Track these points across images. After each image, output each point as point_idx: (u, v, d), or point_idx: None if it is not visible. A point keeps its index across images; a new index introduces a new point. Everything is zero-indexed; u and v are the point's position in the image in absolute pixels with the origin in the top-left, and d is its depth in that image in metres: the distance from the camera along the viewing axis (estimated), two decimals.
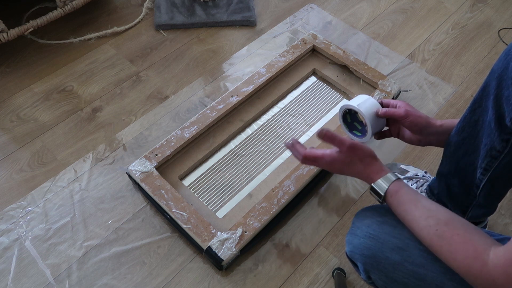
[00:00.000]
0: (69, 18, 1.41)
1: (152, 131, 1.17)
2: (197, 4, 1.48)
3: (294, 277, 0.94)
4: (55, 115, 1.20)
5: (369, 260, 0.66)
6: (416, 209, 0.61)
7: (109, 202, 1.03)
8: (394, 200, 0.64)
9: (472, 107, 0.72)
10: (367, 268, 0.67)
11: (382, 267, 0.65)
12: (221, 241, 0.91)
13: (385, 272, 0.65)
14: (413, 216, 0.60)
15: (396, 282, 0.64)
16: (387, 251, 0.64)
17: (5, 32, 1.22)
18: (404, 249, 0.63)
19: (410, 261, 0.62)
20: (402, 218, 0.63)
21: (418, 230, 0.60)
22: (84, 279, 0.92)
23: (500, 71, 0.65)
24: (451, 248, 0.55)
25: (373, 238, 0.66)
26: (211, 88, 1.27)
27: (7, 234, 0.98)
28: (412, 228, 0.61)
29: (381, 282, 0.67)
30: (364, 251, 0.67)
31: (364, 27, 1.46)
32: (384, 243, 0.64)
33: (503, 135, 0.65)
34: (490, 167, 0.69)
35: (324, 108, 1.21)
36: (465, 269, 0.53)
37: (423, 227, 0.58)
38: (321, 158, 0.72)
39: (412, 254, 0.62)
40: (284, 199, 0.98)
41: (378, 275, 0.66)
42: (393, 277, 0.64)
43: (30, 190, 1.05)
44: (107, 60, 1.34)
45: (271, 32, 1.43)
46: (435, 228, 0.57)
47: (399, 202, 0.63)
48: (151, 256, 0.96)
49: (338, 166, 0.71)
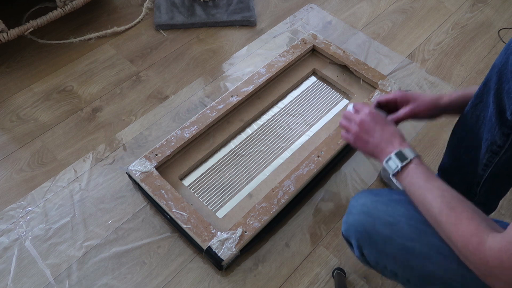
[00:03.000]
0: (69, 18, 1.41)
1: (152, 131, 1.17)
2: (197, 4, 1.48)
3: (294, 277, 0.94)
4: (55, 115, 1.20)
5: (362, 236, 0.68)
6: (437, 180, 0.62)
7: (109, 202, 1.03)
8: (419, 168, 0.64)
9: (474, 103, 0.72)
10: (361, 244, 0.69)
11: (373, 242, 0.67)
12: (221, 241, 0.91)
13: (376, 247, 0.67)
14: (433, 185, 0.61)
15: (386, 256, 0.66)
16: (379, 227, 0.66)
17: (5, 32, 1.22)
18: (394, 224, 0.65)
19: (399, 235, 0.64)
20: (420, 185, 0.63)
21: (432, 198, 0.60)
22: (84, 279, 0.92)
23: (500, 66, 0.65)
24: (456, 221, 0.56)
25: (367, 215, 0.67)
26: (211, 88, 1.27)
27: (7, 234, 0.98)
28: (425, 194, 0.61)
29: (373, 257, 0.69)
30: (358, 227, 0.68)
31: (364, 27, 1.46)
32: (377, 219, 0.66)
33: (504, 129, 0.65)
34: (490, 163, 0.69)
35: (324, 108, 1.21)
36: (462, 244, 0.54)
37: (438, 196, 0.60)
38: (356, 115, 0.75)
39: (402, 229, 0.64)
40: (284, 199, 0.98)
41: (370, 250, 0.68)
42: (384, 251, 0.66)
43: (30, 190, 1.05)
44: (107, 60, 1.34)
45: (271, 32, 1.43)
46: (449, 200, 0.59)
47: (423, 171, 0.64)
48: (151, 256, 0.96)
49: (370, 125, 0.72)
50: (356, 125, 0.75)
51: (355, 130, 0.75)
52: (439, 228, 0.59)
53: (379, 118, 0.74)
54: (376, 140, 0.71)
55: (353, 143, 0.76)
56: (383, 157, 0.70)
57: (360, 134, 0.74)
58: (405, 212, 0.65)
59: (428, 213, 0.61)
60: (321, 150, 1.05)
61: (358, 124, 0.74)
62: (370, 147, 0.73)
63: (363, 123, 0.74)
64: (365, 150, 0.75)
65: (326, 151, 1.05)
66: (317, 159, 1.04)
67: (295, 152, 1.10)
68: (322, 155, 1.05)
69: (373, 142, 0.72)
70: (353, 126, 0.75)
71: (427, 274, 0.62)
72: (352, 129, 0.75)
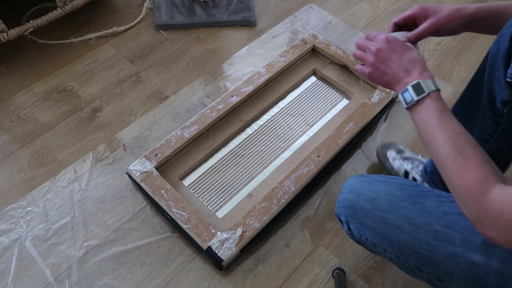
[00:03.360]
0: (69, 18, 1.41)
1: (152, 131, 1.17)
2: (197, 4, 1.48)
3: (294, 277, 0.94)
4: (55, 115, 1.20)
5: (348, 211, 0.74)
6: (452, 120, 0.59)
7: (109, 202, 1.03)
8: (435, 104, 0.60)
9: (468, 90, 0.72)
10: (348, 219, 0.74)
11: (357, 215, 0.72)
12: (221, 241, 0.91)
13: (359, 219, 0.72)
14: (446, 125, 0.58)
15: (367, 227, 0.71)
16: (362, 201, 0.71)
17: (5, 32, 1.22)
18: (374, 199, 0.70)
19: (378, 208, 0.69)
20: (432, 123, 0.60)
21: (442, 138, 0.58)
22: (84, 279, 0.92)
23: (493, 53, 0.65)
24: (464, 166, 0.54)
25: (353, 192, 0.73)
26: (211, 88, 1.27)
27: (7, 234, 0.98)
28: (435, 134, 0.59)
29: (357, 230, 0.74)
30: (345, 203, 0.74)
31: (364, 27, 1.46)
32: (361, 195, 0.72)
33: (494, 117, 0.65)
34: None
35: (324, 108, 1.21)
36: (465, 189, 0.53)
37: (450, 138, 0.57)
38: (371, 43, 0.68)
39: (381, 203, 0.69)
40: (284, 199, 0.98)
41: (355, 223, 0.73)
42: (365, 223, 0.71)
43: (30, 190, 1.05)
44: (107, 60, 1.34)
45: (271, 32, 1.43)
46: (461, 144, 0.56)
47: (439, 108, 0.60)
48: (151, 256, 0.96)
49: (386, 54, 0.66)
50: (372, 55, 0.67)
51: (371, 61, 0.67)
52: (443, 170, 0.57)
53: (397, 45, 0.66)
54: (394, 70, 0.65)
55: (369, 75, 0.69)
56: (400, 89, 0.64)
57: (376, 64, 0.67)
58: (385, 189, 0.70)
59: (435, 154, 0.59)
60: (321, 150, 1.05)
61: (374, 54, 0.67)
62: (387, 78, 0.67)
63: (380, 52, 0.66)
64: (382, 82, 0.68)
65: (326, 151, 1.05)
66: (317, 159, 1.04)
67: (295, 152, 1.10)
68: (322, 155, 1.05)
69: (390, 72, 0.65)
70: (369, 56, 0.67)
71: (400, 242, 0.67)
72: (368, 59, 0.68)
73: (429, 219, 0.65)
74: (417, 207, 0.67)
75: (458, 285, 0.63)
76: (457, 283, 0.63)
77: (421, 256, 0.65)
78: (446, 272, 0.64)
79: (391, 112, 1.21)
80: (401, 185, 0.71)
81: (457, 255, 0.62)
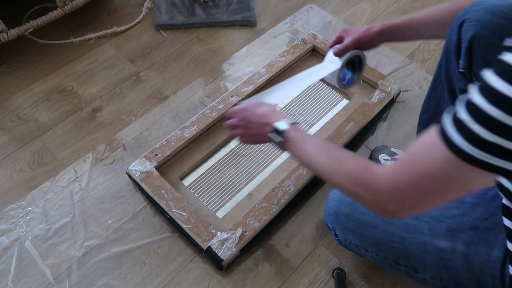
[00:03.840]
0: (69, 18, 1.41)
1: (152, 131, 1.17)
2: (197, 4, 1.48)
3: (294, 277, 0.94)
4: (55, 115, 1.20)
5: (332, 218, 0.80)
6: (312, 139, 0.69)
7: (109, 202, 1.03)
8: (295, 133, 0.70)
9: (434, 85, 0.74)
10: (333, 225, 0.80)
11: (340, 221, 0.78)
12: (221, 241, 0.91)
13: (341, 224, 0.78)
14: (310, 145, 0.67)
15: (349, 231, 0.77)
16: (343, 207, 0.77)
17: (5, 32, 1.22)
18: (353, 203, 0.76)
19: (356, 211, 0.75)
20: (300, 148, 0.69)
21: (316, 157, 0.65)
22: (84, 279, 0.92)
23: (447, 47, 0.68)
24: (340, 164, 0.60)
25: (335, 200, 0.80)
26: (211, 88, 1.27)
27: (7, 234, 0.98)
28: (306, 155, 0.67)
29: (342, 235, 0.79)
30: (330, 211, 0.80)
31: None
32: (341, 202, 0.78)
33: None
34: None
35: (324, 108, 1.21)
36: (353, 181, 0.57)
37: (320, 152, 0.65)
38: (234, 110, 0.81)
39: (358, 206, 0.75)
40: (284, 199, 0.98)
41: (338, 229, 0.79)
42: (347, 227, 0.77)
43: (30, 190, 1.05)
44: (107, 60, 1.34)
45: (271, 32, 1.43)
46: (326, 150, 0.64)
47: (299, 135, 0.70)
48: (151, 256, 0.96)
49: (246, 114, 0.78)
50: (239, 127, 0.79)
51: (240, 132, 0.80)
52: (332, 179, 0.62)
53: (249, 111, 0.77)
54: (257, 130, 0.77)
55: (243, 142, 0.83)
56: (269, 139, 0.75)
57: (244, 132, 0.79)
58: None
59: (317, 170, 0.66)
60: None
61: (239, 126, 0.79)
62: (256, 139, 0.79)
63: (242, 123, 0.78)
64: (256, 142, 0.81)
65: None
66: None
67: None
68: None
69: (256, 133, 0.77)
70: (237, 129, 0.80)
71: (377, 240, 0.72)
72: (237, 132, 0.80)
73: None
74: None
75: (432, 273, 0.67)
76: (430, 271, 0.67)
77: (396, 249, 0.70)
78: (419, 262, 0.68)
79: (391, 112, 1.21)
80: None
81: (426, 244, 0.66)
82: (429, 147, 0.46)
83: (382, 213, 0.56)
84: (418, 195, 0.49)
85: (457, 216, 0.66)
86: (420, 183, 0.48)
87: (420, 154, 0.48)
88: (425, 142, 0.48)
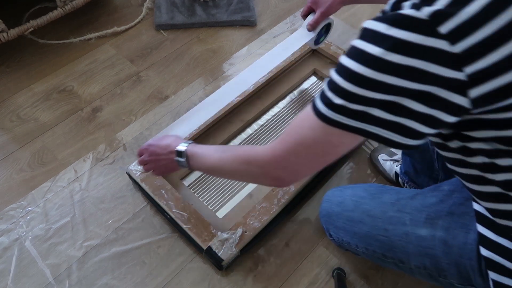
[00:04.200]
0: (69, 18, 1.41)
1: (152, 131, 1.17)
2: (197, 4, 1.48)
3: (294, 277, 0.94)
4: (55, 115, 1.20)
5: (325, 218, 0.85)
6: (208, 148, 0.77)
7: (109, 202, 1.03)
8: (193, 150, 0.78)
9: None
10: (327, 226, 0.85)
11: (331, 220, 0.83)
12: (221, 241, 0.91)
13: (333, 224, 0.82)
14: (209, 155, 0.75)
15: (340, 229, 0.81)
16: (333, 206, 0.83)
17: (5, 32, 1.22)
18: (342, 202, 0.81)
19: (345, 209, 0.80)
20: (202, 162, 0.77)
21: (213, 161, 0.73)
22: (84, 279, 0.92)
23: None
24: (232, 153, 0.69)
25: (327, 201, 0.85)
26: (211, 88, 1.27)
27: (7, 234, 0.98)
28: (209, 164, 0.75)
29: (335, 234, 0.83)
30: (323, 212, 0.86)
31: None
32: (332, 202, 0.84)
33: None
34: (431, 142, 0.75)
35: None
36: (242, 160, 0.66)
37: (216, 157, 0.73)
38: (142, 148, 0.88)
39: (347, 204, 0.80)
40: (284, 199, 0.98)
41: (331, 228, 0.83)
42: (338, 226, 0.81)
43: (30, 190, 1.05)
44: (107, 60, 1.34)
45: (271, 32, 1.43)
46: (222, 150, 0.73)
47: (197, 151, 0.78)
48: (151, 256, 0.95)
49: (154, 148, 0.85)
50: (150, 163, 0.87)
51: (152, 166, 0.87)
52: (228, 172, 0.71)
53: (155, 146, 0.85)
54: (165, 159, 0.83)
55: (156, 175, 0.92)
56: (176, 165, 0.82)
57: (156, 165, 0.86)
58: (351, 192, 0.82)
59: (218, 170, 0.74)
60: None
61: (150, 161, 0.86)
62: (166, 169, 0.86)
63: (152, 155, 0.86)
64: (167, 172, 0.91)
65: None
66: None
67: None
68: None
69: (165, 164, 0.84)
70: (149, 164, 0.87)
71: (364, 235, 0.76)
72: (149, 167, 0.87)
73: (384, 208, 0.75)
74: (376, 201, 0.76)
75: (416, 262, 0.70)
76: (414, 261, 0.70)
77: (382, 242, 0.73)
78: (403, 252, 0.71)
79: None
80: (366, 187, 0.82)
81: (408, 234, 0.70)
82: (303, 117, 0.55)
83: (271, 181, 0.64)
84: (296, 159, 0.58)
85: (435, 204, 0.69)
86: (296, 148, 0.57)
87: (296, 125, 0.58)
88: (301, 116, 0.56)
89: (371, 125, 0.49)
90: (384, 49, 0.44)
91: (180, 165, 0.81)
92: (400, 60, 0.43)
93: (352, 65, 0.47)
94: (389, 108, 0.47)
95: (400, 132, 0.49)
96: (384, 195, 0.77)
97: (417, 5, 0.43)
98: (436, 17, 0.41)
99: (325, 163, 0.58)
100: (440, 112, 0.46)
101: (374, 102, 0.47)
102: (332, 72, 0.51)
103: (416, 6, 0.43)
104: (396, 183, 1.06)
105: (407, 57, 0.43)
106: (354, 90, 0.47)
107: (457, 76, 0.42)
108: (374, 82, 0.46)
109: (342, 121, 0.50)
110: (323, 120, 0.51)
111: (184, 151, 0.79)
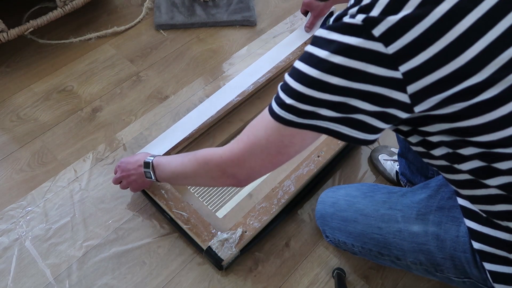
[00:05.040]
0: (69, 18, 1.41)
1: (152, 131, 1.17)
2: (197, 4, 1.48)
3: (294, 277, 0.94)
4: (55, 115, 1.20)
5: (320, 220, 0.87)
6: (173, 157, 0.82)
7: (109, 202, 1.03)
8: (159, 161, 0.83)
9: None
10: (322, 227, 0.87)
11: (326, 221, 0.84)
12: (221, 241, 0.91)
13: (328, 224, 0.84)
14: (173, 162, 0.79)
15: (335, 229, 0.83)
16: (327, 207, 0.84)
17: (5, 32, 1.22)
18: (336, 203, 0.83)
19: (338, 209, 0.82)
20: (168, 170, 0.81)
21: (174, 166, 0.78)
22: (84, 279, 0.92)
23: None
24: (193, 157, 0.73)
25: (321, 202, 0.87)
26: (211, 88, 1.27)
27: (7, 234, 0.98)
28: (173, 172, 0.79)
29: (330, 235, 0.85)
30: (318, 214, 0.88)
31: None
32: (326, 203, 0.85)
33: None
34: None
35: None
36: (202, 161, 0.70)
37: (178, 163, 0.77)
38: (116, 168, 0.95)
39: (340, 204, 0.82)
40: (284, 199, 0.98)
41: (327, 229, 0.85)
42: (332, 226, 0.83)
43: (30, 190, 1.05)
44: (107, 60, 1.34)
45: (271, 32, 1.43)
46: (183, 156, 0.76)
47: (162, 161, 0.83)
48: (151, 256, 0.96)
49: (124, 165, 0.92)
50: (124, 180, 0.93)
51: (126, 182, 0.93)
52: (190, 176, 0.75)
53: (126, 164, 0.92)
54: (136, 175, 0.89)
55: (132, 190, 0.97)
56: (146, 179, 0.87)
57: (129, 181, 0.92)
58: (344, 192, 0.84)
59: (181, 176, 0.77)
60: (321, 150, 1.05)
61: (123, 178, 0.93)
62: (137, 185, 0.92)
63: (124, 172, 0.92)
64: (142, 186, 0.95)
65: (326, 151, 1.05)
66: (317, 159, 1.04)
67: None
68: (322, 155, 1.05)
69: (136, 179, 0.90)
70: (123, 182, 0.94)
71: (359, 233, 0.77)
72: (125, 184, 0.94)
73: (377, 206, 0.76)
74: (368, 199, 0.78)
75: (412, 258, 0.71)
76: (409, 257, 0.71)
77: (376, 240, 0.75)
78: (398, 249, 0.72)
79: None
80: (358, 186, 0.84)
81: (401, 231, 0.71)
82: (260, 119, 0.59)
83: (228, 180, 0.67)
84: (253, 158, 0.61)
85: (424, 200, 0.70)
86: (252, 147, 0.60)
87: (253, 126, 0.61)
88: (258, 117, 0.60)
89: (322, 120, 0.52)
90: (329, 51, 0.48)
91: (147, 176, 0.87)
92: (343, 62, 0.47)
93: (301, 67, 0.51)
94: (339, 108, 0.51)
95: (357, 128, 0.52)
96: (376, 194, 0.78)
97: (353, 15, 0.48)
98: (368, 22, 0.45)
99: (279, 163, 0.62)
100: (392, 109, 0.49)
101: (323, 103, 0.50)
102: (286, 75, 0.54)
103: (352, 16, 0.48)
104: (397, 183, 1.06)
105: (349, 59, 0.47)
106: (303, 91, 0.51)
107: (394, 75, 0.46)
108: (321, 83, 0.49)
109: (294, 120, 0.54)
110: (276, 119, 0.55)
111: (150, 162, 0.84)
